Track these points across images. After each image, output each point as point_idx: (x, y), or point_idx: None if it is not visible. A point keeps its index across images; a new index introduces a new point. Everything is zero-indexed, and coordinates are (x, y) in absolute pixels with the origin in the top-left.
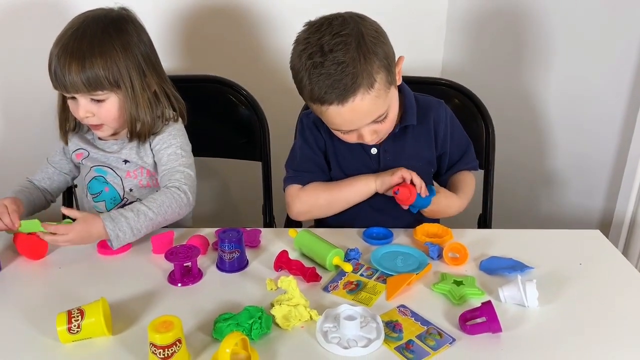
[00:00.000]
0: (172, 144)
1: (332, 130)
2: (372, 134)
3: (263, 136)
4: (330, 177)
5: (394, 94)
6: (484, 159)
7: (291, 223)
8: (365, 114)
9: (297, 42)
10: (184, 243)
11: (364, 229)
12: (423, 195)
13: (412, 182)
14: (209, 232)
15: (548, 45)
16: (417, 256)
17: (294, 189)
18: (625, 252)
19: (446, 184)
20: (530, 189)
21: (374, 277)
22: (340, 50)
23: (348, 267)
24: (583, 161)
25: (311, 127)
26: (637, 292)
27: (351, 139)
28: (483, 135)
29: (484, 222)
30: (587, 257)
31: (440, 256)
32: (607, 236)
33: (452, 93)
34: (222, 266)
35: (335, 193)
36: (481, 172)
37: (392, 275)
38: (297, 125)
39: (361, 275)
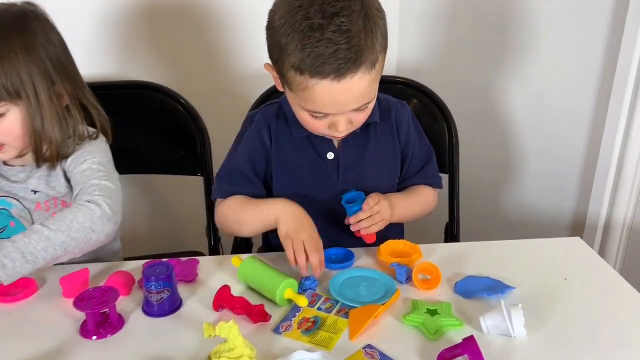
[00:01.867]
0: (87, 159)
1: (301, 113)
2: (347, 124)
3: (203, 148)
4: (264, 189)
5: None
6: (448, 162)
7: (240, 244)
8: (357, 97)
9: None
10: (104, 282)
11: None
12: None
13: None
14: (136, 267)
15: (511, 40)
16: (383, 281)
17: (217, 202)
18: (601, 256)
19: None
20: (496, 192)
21: (334, 311)
22: (346, 16)
23: (303, 301)
24: (551, 161)
25: (255, 131)
26: (632, 307)
27: (320, 126)
28: (445, 137)
29: (452, 231)
30: (571, 269)
31: (409, 279)
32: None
33: (410, 92)
34: (148, 309)
35: (242, 215)
36: (445, 177)
37: (355, 307)
38: (241, 127)
39: (319, 309)
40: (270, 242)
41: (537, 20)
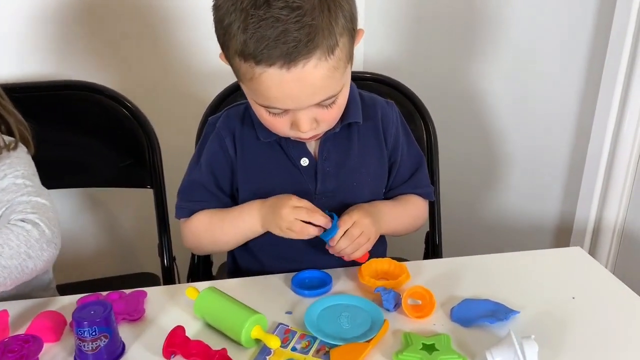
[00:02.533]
0: (8, 174)
1: (258, 108)
2: (312, 123)
3: (152, 156)
4: (235, 203)
5: (349, 75)
6: (427, 164)
7: (198, 263)
8: (315, 90)
9: None
10: (28, 327)
11: (293, 273)
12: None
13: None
14: (68, 304)
15: (489, 32)
16: (368, 310)
17: (182, 222)
18: None
19: None
20: (475, 195)
21: (312, 350)
22: None
23: (274, 342)
24: (535, 162)
25: (217, 140)
26: None
27: (281, 125)
28: (423, 137)
29: (433, 240)
30: (578, 286)
31: (397, 305)
32: (567, 244)
33: (383, 90)
34: None
35: (217, 229)
36: None
37: (336, 345)
38: (203, 134)
39: (293, 349)
40: (238, 264)
41: (515, 10)
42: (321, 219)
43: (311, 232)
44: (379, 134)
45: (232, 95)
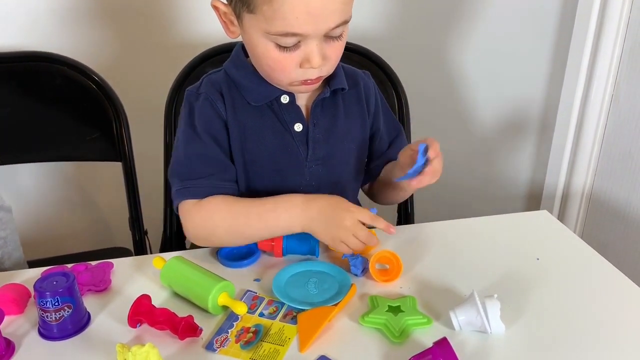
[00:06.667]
0: None
1: (268, 48)
2: (322, 59)
3: (120, 129)
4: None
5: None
6: None
7: (171, 236)
8: (337, 7)
9: None
10: None
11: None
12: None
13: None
14: (34, 276)
15: (465, 2)
16: (335, 275)
17: (187, 205)
18: None
19: (375, 178)
20: (446, 163)
21: (280, 316)
22: None
23: (241, 308)
24: (505, 130)
25: (207, 102)
26: (613, 286)
27: (291, 65)
28: (395, 107)
29: (406, 208)
30: (542, 247)
31: (365, 270)
32: (538, 210)
33: (355, 58)
34: (46, 331)
35: (240, 219)
36: None
37: (304, 309)
38: (181, 111)
39: (261, 315)
40: None
41: None
42: (383, 224)
43: (360, 248)
44: (361, 102)
45: (201, 65)
